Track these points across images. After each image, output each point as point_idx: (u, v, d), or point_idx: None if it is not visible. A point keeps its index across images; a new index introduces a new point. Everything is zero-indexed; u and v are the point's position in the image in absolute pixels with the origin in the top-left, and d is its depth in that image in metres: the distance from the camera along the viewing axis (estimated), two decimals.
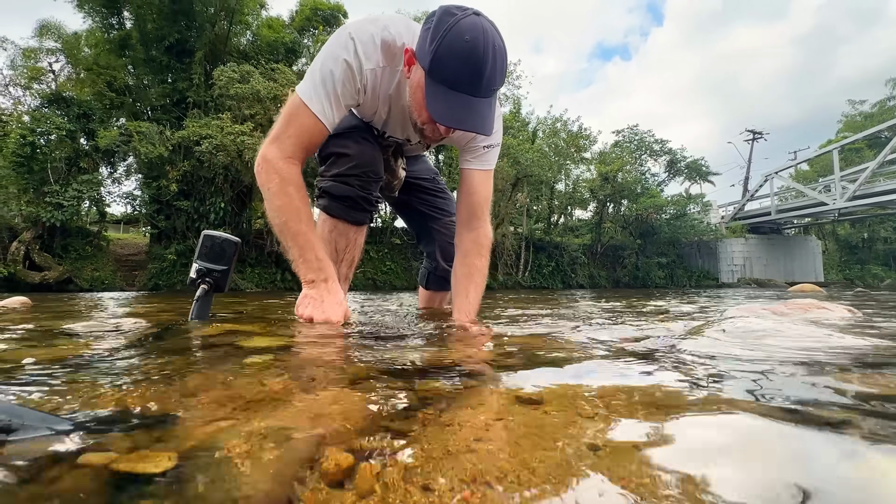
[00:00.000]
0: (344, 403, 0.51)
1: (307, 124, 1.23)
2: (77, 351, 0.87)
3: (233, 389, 0.56)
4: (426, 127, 1.18)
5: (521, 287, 17.24)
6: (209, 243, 1.37)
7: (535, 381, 0.62)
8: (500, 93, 1.18)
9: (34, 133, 12.20)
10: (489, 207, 1.52)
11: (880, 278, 25.85)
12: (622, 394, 0.55)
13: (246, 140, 12.26)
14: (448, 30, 1.00)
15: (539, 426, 0.43)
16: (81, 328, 1.25)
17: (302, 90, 1.23)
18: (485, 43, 1.00)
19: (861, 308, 2.17)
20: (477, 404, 0.51)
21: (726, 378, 0.64)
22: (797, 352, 0.84)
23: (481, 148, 1.42)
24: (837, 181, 19.11)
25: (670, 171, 23.07)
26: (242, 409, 0.48)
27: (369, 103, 1.30)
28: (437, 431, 0.42)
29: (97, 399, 0.52)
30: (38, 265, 12.10)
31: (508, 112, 19.96)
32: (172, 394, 0.54)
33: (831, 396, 0.54)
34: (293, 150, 1.25)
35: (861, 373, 0.67)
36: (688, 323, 1.38)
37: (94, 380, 0.61)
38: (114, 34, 14.70)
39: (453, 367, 0.73)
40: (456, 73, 1.02)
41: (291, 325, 1.31)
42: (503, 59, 1.05)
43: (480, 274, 1.45)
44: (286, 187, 1.24)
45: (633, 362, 0.77)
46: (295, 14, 17.61)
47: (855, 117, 34.00)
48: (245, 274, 13.84)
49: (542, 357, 0.83)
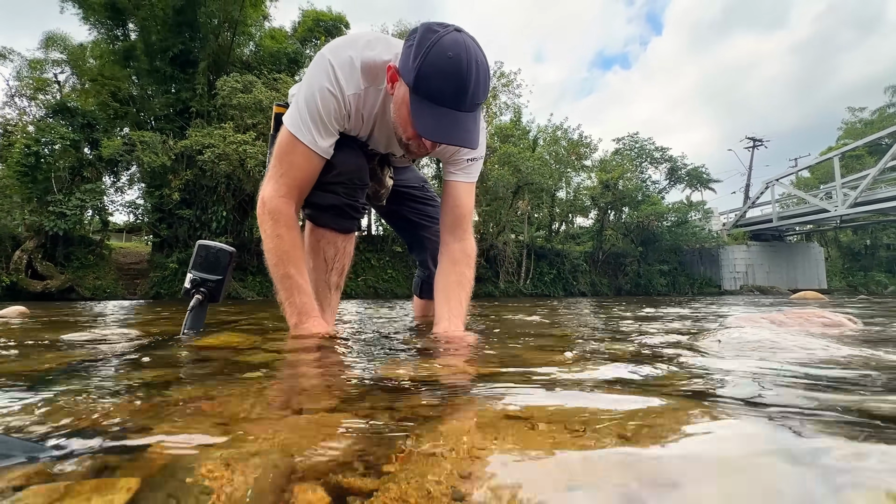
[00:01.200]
0: (325, 429, 0.50)
1: (300, 158, 1.26)
2: (60, 363, 0.86)
3: (215, 409, 0.56)
4: (412, 142, 1.19)
5: (523, 295, 17.19)
6: (204, 253, 1.37)
7: (523, 400, 0.61)
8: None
9: (39, 143, 12.32)
10: (472, 220, 1.54)
11: (884, 285, 25.67)
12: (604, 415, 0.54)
13: (248, 149, 12.34)
14: (431, 46, 1.02)
15: (526, 444, 0.42)
16: (71, 339, 1.25)
17: (290, 123, 1.26)
18: (468, 59, 1.02)
19: (863, 316, 2.15)
20: (465, 429, 0.50)
21: (710, 394, 0.62)
22: (791, 366, 0.82)
23: (465, 161, 1.43)
24: (839, 188, 19.08)
25: (671, 179, 23.10)
26: (221, 433, 0.47)
27: (354, 123, 1.32)
28: (420, 464, 0.41)
29: (71, 417, 0.51)
30: (41, 274, 12.13)
31: (509, 121, 20.07)
32: (150, 411, 0.53)
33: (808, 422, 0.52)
34: (287, 189, 1.28)
35: (842, 390, 0.65)
36: (684, 331, 1.37)
37: (70, 395, 0.60)
38: (118, 45, 14.91)
39: (441, 386, 0.72)
40: (440, 88, 1.03)
41: (285, 339, 1.30)
42: (486, 73, 1.08)
43: (469, 283, 1.44)
44: (277, 229, 1.26)
45: (623, 372, 0.76)
46: (297, 25, 17.82)
47: (855, 124, 34.07)
48: (246, 282, 13.85)
49: (532, 372, 0.82)
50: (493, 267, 17.79)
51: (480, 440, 0.45)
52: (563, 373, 0.79)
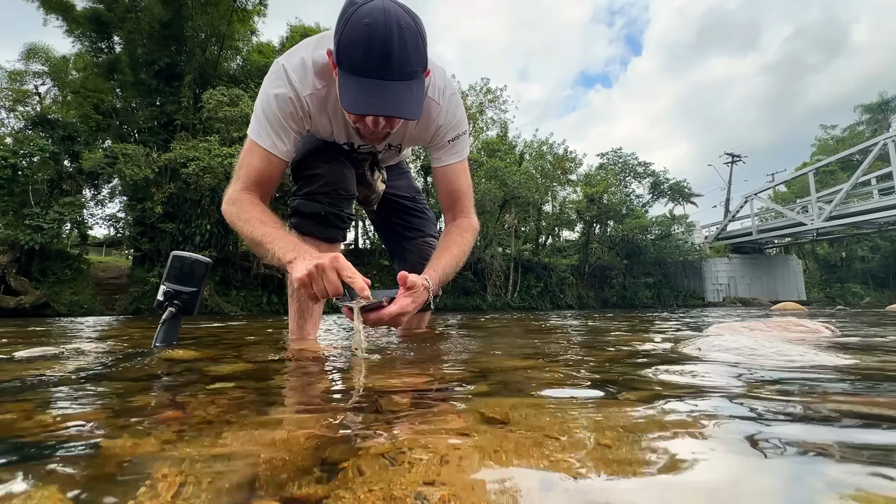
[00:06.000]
0: (291, 436, 0.48)
1: (258, 161, 1.25)
2: (21, 375, 0.82)
3: (177, 417, 0.53)
4: (358, 125, 1.14)
5: (510, 308, 17.18)
6: (178, 264, 1.34)
7: (496, 404, 0.59)
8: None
9: (16, 155, 12.01)
10: (471, 198, 1.45)
11: (860, 296, 26.37)
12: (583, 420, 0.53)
13: (233, 162, 12.22)
14: (349, 18, 0.97)
15: (502, 449, 0.41)
16: (31, 354, 1.19)
17: (251, 130, 1.27)
18: (386, 22, 0.94)
19: (839, 324, 2.19)
20: (436, 430, 0.49)
21: (688, 402, 0.62)
22: (769, 371, 0.83)
23: (446, 142, 1.36)
24: (814, 202, 19.69)
25: (654, 193, 23.55)
26: (180, 440, 0.45)
27: (319, 123, 1.30)
28: (382, 471, 0.39)
29: (25, 424, 0.48)
30: (14, 289, 11.71)
31: (496, 136, 20.35)
32: (109, 419, 0.51)
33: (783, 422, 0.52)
34: (246, 184, 1.26)
35: (827, 393, 0.66)
36: (666, 339, 1.38)
37: (28, 405, 0.57)
38: (103, 58, 14.75)
39: (415, 391, 0.70)
40: (360, 58, 0.96)
41: (266, 351, 1.27)
42: (414, 37, 0.98)
43: (457, 246, 1.32)
44: (243, 207, 1.22)
45: (596, 384, 0.75)
46: (285, 40, 17.92)
47: (827, 141, 35.39)
48: (230, 297, 13.58)
49: (510, 381, 0.80)
50: (480, 280, 17.78)
51: (453, 444, 0.43)
52: (541, 377, 0.78)
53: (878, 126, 31.23)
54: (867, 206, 18.17)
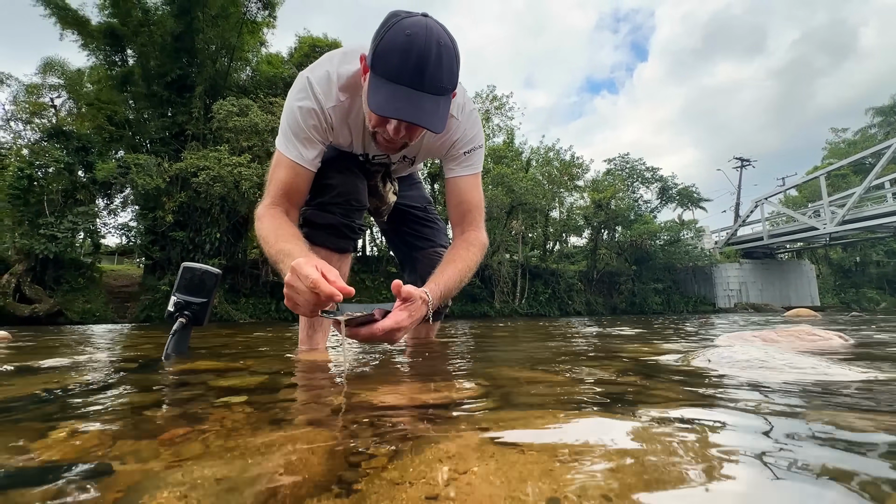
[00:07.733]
0: (301, 453, 0.49)
1: (284, 173, 1.28)
2: (32, 389, 0.83)
3: (189, 433, 0.54)
4: (378, 130, 1.15)
5: (518, 315, 17.09)
6: (189, 275, 1.36)
7: (502, 424, 0.59)
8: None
9: (32, 166, 12.29)
10: (482, 213, 1.46)
11: (876, 301, 25.86)
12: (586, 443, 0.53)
13: (243, 171, 12.39)
14: (391, 27, 1.00)
15: (505, 469, 0.41)
16: (49, 364, 1.22)
17: (278, 143, 1.30)
18: (427, 36, 0.98)
19: (855, 334, 2.15)
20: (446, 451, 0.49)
21: (696, 413, 0.61)
22: (781, 385, 0.82)
23: (462, 154, 1.39)
24: (826, 206, 19.41)
25: (662, 198, 23.41)
26: (189, 459, 0.45)
27: (341, 134, 1.33)
28: (390, 488, 0.40)
29: (34, 444, 0.49)
30: (29, 298, 11.92)
31: (502, 142, 20.40)
32: (118, 436, 0.51)
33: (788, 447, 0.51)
34: (274, 199, 1.28)
35: (835, 412, 0.65)
36: (675, 350, 1.36)
37: (39, 421, 0.58)
38: (116, 71, 15.09)
39: (424, 408, 0.70)
40: (397, 65, 0.98)
41: (274, 361, 1.28)
42: (451, 57, 1.02)
43: (463, 261, 1.30)
44: (264, 224, 1.22)
45: (607, 399, 0.75)
46: (294, 50, 18.20)
47: (839, 144, 34.98)
48: (239, 304, 13.69)
49: (516, 398, 0.80)
50: (488, 287, 17.73)
51: (462, 463, 0.43)
52: (550, 392, 0.78)
53: (891, 128, 30.80)
54: (881, 209, 17.86)
